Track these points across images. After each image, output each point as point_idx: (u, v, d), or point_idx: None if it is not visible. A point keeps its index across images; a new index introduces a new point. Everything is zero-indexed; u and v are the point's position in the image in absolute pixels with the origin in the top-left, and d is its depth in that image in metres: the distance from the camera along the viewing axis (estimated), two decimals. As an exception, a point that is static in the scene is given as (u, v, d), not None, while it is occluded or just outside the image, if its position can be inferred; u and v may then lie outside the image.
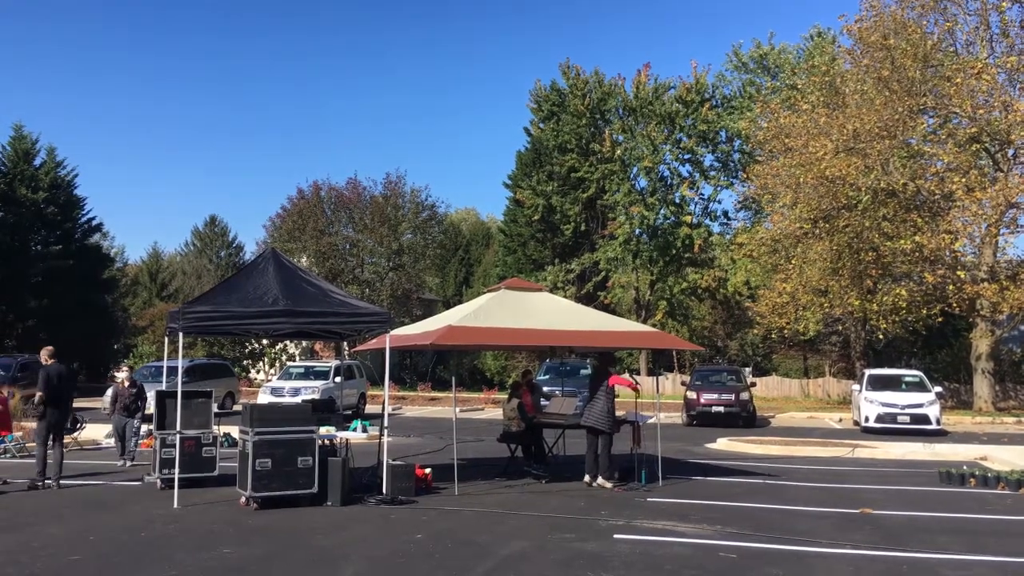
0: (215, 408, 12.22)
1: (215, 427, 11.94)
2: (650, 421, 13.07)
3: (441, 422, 23.20)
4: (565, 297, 26.69)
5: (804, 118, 28.43)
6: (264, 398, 23.29)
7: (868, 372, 23.64)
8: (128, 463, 13.76)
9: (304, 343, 38.70)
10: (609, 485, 11.44)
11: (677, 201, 40.06)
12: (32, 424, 17.40)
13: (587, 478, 11.71)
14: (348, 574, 6.94)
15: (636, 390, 12.21)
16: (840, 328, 37.91)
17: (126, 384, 14.39)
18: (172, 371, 16.67)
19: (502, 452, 13.46)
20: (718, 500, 10.73)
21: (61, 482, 11.26)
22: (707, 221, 40.53)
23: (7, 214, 38.03)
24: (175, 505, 9.77)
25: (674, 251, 39.45)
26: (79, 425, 16.31)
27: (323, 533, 8.48)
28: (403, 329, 13.58)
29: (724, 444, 17.92)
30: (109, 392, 17.37)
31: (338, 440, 11.33)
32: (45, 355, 11.43)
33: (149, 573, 6.92)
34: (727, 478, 12.91)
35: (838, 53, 33.82)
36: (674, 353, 39.76)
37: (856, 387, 23.56)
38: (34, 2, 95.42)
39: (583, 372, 24.35)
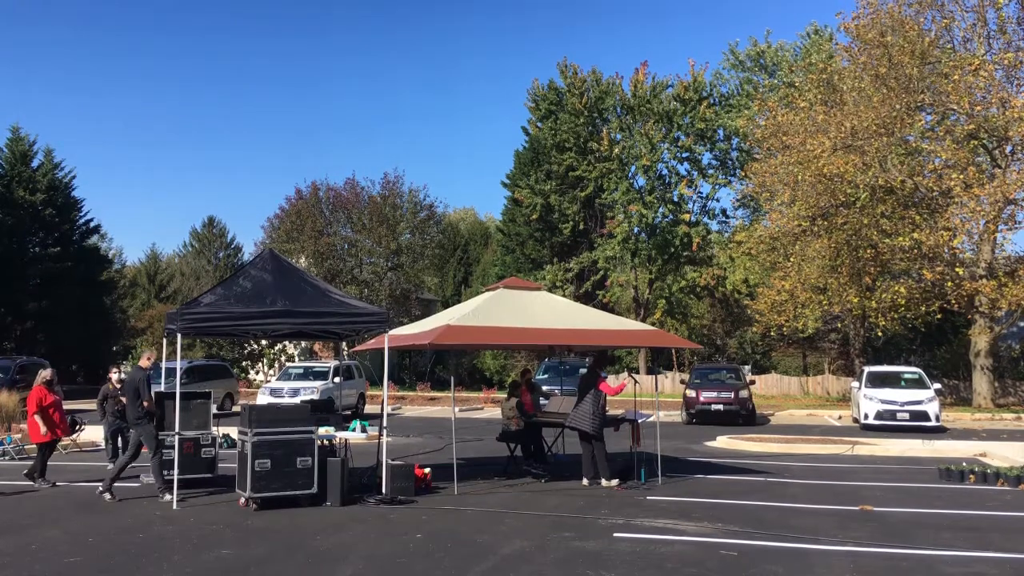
0: (214, 409, 12.20)
1: (214, 428, 11.93)
2: (649, 419, 13.07)
3: (440, 422, 23.19)
4: (564, 296, 26.70)
5: (802, 116, 28.41)
6: (263, 399, 23.28)
7: (867, 369, 23.64)
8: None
9: (303, 343, 38.69)
10: (613, 484, 11.43)
11: (675, 199, 40.04)
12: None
13: (585, 480, 11.70)
14: (347, 574, 6.92)
15: (622, 388, 12.11)
16: (839, 325, 37.92)
17: (117, 386, 14.03)
18: (171, 372, 16.65)
19: (502, 452, 13.45)
20: (718, 498, 10.72)
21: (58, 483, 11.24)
22: (705, 219, 40.51)
23: (5, 216, 37.97)
24: (174, 506, 9.76)
25: (673, 249, 39.43)
26: (78, 427, 16.26)
27: (322, 533, 8.46)
28: (402, 329, 13.57)
29: (724, 442, 17.92)
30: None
31: (337, 440, 11.31)
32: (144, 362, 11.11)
33: (147, 574, 6.90)
34: (727, 476, 12.90)
35: (835, 50, 33.78)
36: (673, 351, 39.73)
37: (855, 384, 23.55)
38: (31, 3, 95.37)
39: (582, 371, 24.28)
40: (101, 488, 10.43)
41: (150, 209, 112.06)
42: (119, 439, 13.92)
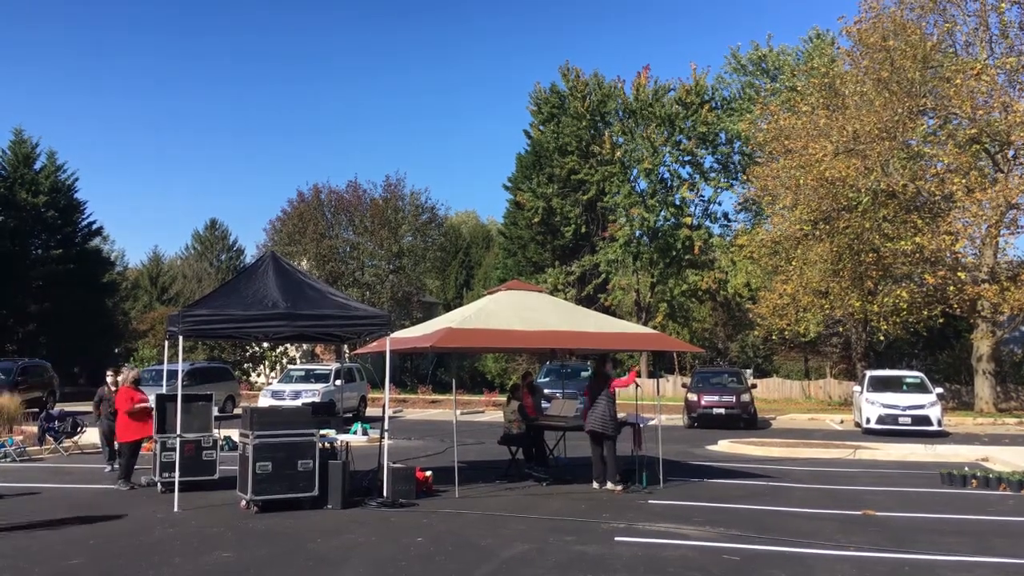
0: (215, 411, 12.19)
1: (215, 430, 11.92)
2: (651, 423, 13.06)
3: (442, 425, 23.17)
4: (565, 299, 26.67)
5: (804, 120, 28.41)
6: (265, 401, 23.25)
7: (869, 373, 23.59)
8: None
9: (304, 346, 38.68)
10: (619, 488, 11.42)
11: (677, 203, 40.04)
12: (32, 429, 17.44)
13: (595, 484, 11.66)
14: (349, 577, 6.91)
15: (635, 382, 12.09)
16: (841, 329, 37.87)
17: (114, 389, 13.80)
18: (172, 375, 16.65)
19: (503, 455, 13.43)
20: (720, 502, 10.70)
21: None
22: (707, 223, 40.50)
23: (7, 218, 37.98)
24: (175, 509, 9.75)
25: (674, 253, 39.44)
26: (79, 429, 16.29)
27: (323, 536, 8.46)
28: (403, 332, 13.57)
29: (725, 446, 17.89)
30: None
31: (338, 443, 11.30)
32: None
33: (149, 577, 6.90)
34: (729, 480, 12.88)
35: (837, 54, 33.79)
36: (675, 355, 39.67)
37: (857, 388, 23.52)
38: (33, 4, 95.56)
39: (583, 374, 24.31)
40: None
41: (152, 211, 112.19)
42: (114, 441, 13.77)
